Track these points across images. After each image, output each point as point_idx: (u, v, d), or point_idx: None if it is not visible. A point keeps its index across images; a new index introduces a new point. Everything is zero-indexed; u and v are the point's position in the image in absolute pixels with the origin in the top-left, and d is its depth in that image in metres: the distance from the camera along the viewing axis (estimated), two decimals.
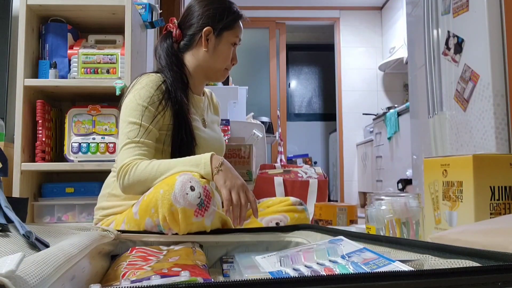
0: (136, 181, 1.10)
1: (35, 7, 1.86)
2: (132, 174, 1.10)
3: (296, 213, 1.27)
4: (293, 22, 5.50)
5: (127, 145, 1.16)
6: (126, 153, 1.15)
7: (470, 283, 0.47)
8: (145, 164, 1.11)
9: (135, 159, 1.13)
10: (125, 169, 1.11)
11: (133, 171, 1.10)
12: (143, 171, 1.09)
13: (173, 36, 1.32)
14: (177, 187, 0.96)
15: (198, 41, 1.30)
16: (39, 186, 1.91)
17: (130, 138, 1.16)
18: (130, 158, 1.13)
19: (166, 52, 1.29)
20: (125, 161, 1.13)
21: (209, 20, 1.29)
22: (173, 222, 0.97)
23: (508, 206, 0.97)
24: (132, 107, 1.19)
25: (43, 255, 0.55)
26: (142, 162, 1.12)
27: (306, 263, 0.64)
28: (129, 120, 1.18)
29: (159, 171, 1.08)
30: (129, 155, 1.14)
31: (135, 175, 1.10)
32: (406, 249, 0.68)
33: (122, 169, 1.12)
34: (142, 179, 1.09)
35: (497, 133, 1.70)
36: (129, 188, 1.12)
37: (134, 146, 1.15)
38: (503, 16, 1.74)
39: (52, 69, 1.85)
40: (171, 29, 1.31)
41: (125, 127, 1.18)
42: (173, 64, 1.28)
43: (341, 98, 5.21)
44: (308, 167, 2.53)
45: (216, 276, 0.94)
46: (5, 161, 0.83)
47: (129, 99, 1.21)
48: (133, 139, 1.16)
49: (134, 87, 1.23)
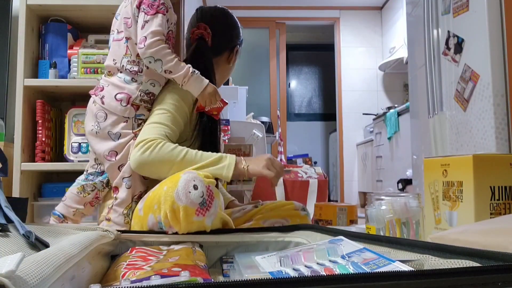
0: (157, 160, 1.11)
1: (35, 7, 1.86)
2: (155, 152, 1.11)
3: (298, 218, 1.27)
4: (293, 22, 5.50)
5: (154, 123, 1.19)
6: (153, 130, 1.16)
7: (470, 283, 0.47)
8: (171, 147, 1.12)
9: (162, 138, 1.14)
10: (149, 144, 1.12)
11: (157, 149, 1.11)
12: (167, 153, 1.11)
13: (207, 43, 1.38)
14: (180, 185, 0.96)
15: (225, 55, 1.42)
16: (39, 186, 1.91)
17: (156, 120, 1.19)
18: (156, 135, 1.14)
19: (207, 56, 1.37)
20: (150, 135, 1.13)
21: (237, 39, 1.45)
22: (174, 220, 0.97)
23: (508, 206, 0.97)
24: (165, 98, 1.25)
25: (43, 255, 0.55)
26: (168, 143, 1.13)
27: (306, 263, 0.64)
28: (158, 107, 1.23)
29: (185, 160, 1.11)
30: (156, 132, 1.16)
31: (158, 153, 1.11)
32: (406, 249, 0.68)
33: (145, 143, 1.12)
34: (163, 160, 1.11)
35: (497, 133, 1.70)
36: (145, 165, 1.12)
37: (161, 126, 1.18)
38: (503, 16, 1.74)
39: (52, 69, 1.85)
40: (206, 37, 1.37)
41: (154, 113, 1.23)
42: (210, 66, 1.37)
43: (341, 98, 5.21)
44: (308, 167, 2.53)
45: (216, 276, 0.94)
46: (5, 161, 0.83)
47: (166, 91, 1.28)
48: (161, 121, 1.19)
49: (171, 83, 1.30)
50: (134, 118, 1.26)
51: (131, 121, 1.26)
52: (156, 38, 1.20)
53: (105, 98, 1.26)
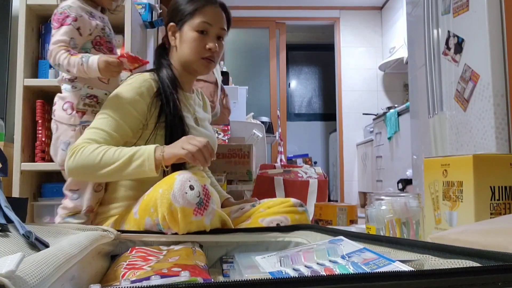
0: (79, 165, 1.09)
1: (35, 7, 1.86)
2: (77, 157, 1.10)
3: (297, 214, 1.27)
4: (293, 22, 5.50)
5: (90, 128, 1.16)
6: (86, 135, 1.15)
7: (470, 283, 0.47)
8: (91, 149, 1.09)
9: (89, 142, 1.12)
10: (73, 150, 1.11)
11: (79, 154, 1.09)
12: (87, 156, 1.09)
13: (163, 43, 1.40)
14: (176, 186, 0.96)
15: (170, 38, 1.34)
16: (39, 186, 1.91)
17: (95, 125, 1.17)
18: (85, 139, 1.13)
19: (155, 53, 1.37)
20: (79, 141, 1.13)
21: (171, 16, 1.33)
22: (173, 222, 0.97)
23: (508, 206, 0.97)
24: (110, 102, 1.21)
25: (43, 255, 0.55)
26: (91, 145, 1.11)
27: (306, 263, 0.64)
28: (100, 112, 1.20)
29: (103, 161, 1.08)
30: (87, 136, 1.14)
31: (80, 158, 1.09)
32: (406, 249, 0.68)
33: (71, 149, 1.11)
34: (84, 164, 1.09)
35: (497, 133, 1.70)
36: (72, 171, 1.12)
37: (95, 131, 1.15)
38: (503, 16, 1.74)
39: (52, 69, 1.85)
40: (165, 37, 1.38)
41: (95, 118, 1.19)
42: (161, 64, 1.32)
43: (341, 98, 5.21)
44: (308, 167, 2.53)
45: (216, 276, 0.93)
46: (5, 161, 0.83)
47: (112, 94, 1.23)
48: (98, 126, 1.16)
49: (121, 84, 1.25)
50: (80, 125, 1.30)
51: (79, 128, 1.30)
52: (53, 47, 1.25)
53: (55, 111, 1.33)
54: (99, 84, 1.34)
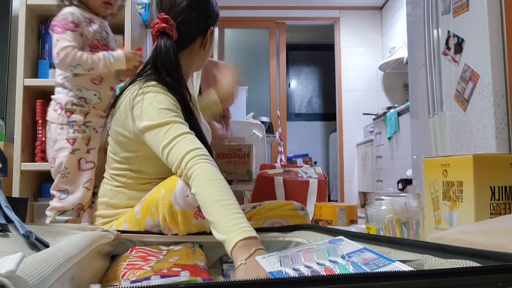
0: (201, 189, 0.92)
1: (35, 7, 1.86)
2: (197, 178, 0.93)
3: (297, 218, 1.26)
4: (293, 22, 5.49)
5: (179, 137, 1.00)
6: (182, 146, 0.98)
7: (470, 283, 0.47)
8: (209, 174, 0.93)
9: (198, 152, 0.97)
10: (189, 168, 0.95)
11: (198, 175, 0.93)
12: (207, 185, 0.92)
13: (172, 38, 1.21)
14: (177, 189, 0.96)
15: (197, 42, 1.25)
16: (39, 186, 1.91)
17: (176, 133, 1.01)
18: (189, 150, 0.97)
19: (174, 56, 1.19)
20: (181, 156, 0.97)
21: (210, 20, 1.26)
22: (173, 223, 0.96)
23: (508, 206, 0.97)
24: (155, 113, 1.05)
25: (43, 255, 0.55)
26: (206, 168, 0.95)
27: (306, 263, 0.64)
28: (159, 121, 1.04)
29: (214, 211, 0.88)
30: (188, 147, 0.98)
31: (201, 184, 0.92)
32: (406, 249, 0.68)
33: (185, 166, 0.95)
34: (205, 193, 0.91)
35: (497, 133, 1.70)
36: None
37: (190, 138, 1.01)
38: (503, 16, 1.74)
39: (52, 69, 1.85)
40: (169, 31, 1.20)
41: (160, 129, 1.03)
42: (176, 67, 1.19)
43: (341, 98, 5.21)
44: (308, 167, 2.52)
45: (216, 276, 0.94)
46: (5, 161, 0.83)
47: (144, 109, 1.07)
48: (182, 132, 1.02)
49: (144, 99, 1.09)
50: (67, 124, 1.40)
51: (66, 127, 1.40)
52: (66, 50, 1.33)
53: (48, 112, 1.45)
54: (91, 85, 1.43)
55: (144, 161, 1.15)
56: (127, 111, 1.11)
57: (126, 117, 1.11)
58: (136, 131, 1.09)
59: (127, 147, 1.15)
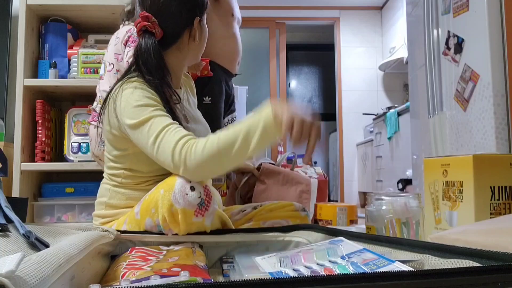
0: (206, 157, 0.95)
1: (35, 7, 1.86)
2: (195, 154, 0.96)
3: (298, 219, 1.26)
4: (293, 22, 5.49)
5: (163, 132, 1.00)
6: (169, 140, 0.98)
7: (470, 283, 0.47)
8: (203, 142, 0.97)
9: (186, 139, 0.98)
10: (183, 155, 0.96)
11: (194, 151, 0.96)
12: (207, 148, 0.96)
13: (155, 36, 1.18)
14: (177, 187, 0.96)
15: (185, 35, 1.21)
16: (39, 186, 1.91)
17: (159, 128, 1.01)
18: (176, 140, 0.98)
19: (155, 55, 1.15)
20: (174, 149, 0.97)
21: (194, 10, 1.20)
22: (173, 223, 0.96)
23: (508, 206, 0.97)
24: (134, 111, 1.05)
25: (43, 255, 0.55)
26: (198, 141, 0.98)
27: (306, 264, 0.64)
28: (140, 119, 1.03)
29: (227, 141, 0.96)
30: (174, 138, 0.98)
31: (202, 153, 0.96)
32: (406, 249, 0.68)
33: (179, 156, 0.96)
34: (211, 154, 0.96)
35: (497, 133, 1.70)
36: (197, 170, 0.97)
37: (173, 129, 1.01)
38: (503, 16, 1.74)
39: (52, 69, 1.85)
40: (152, 29, 1.16)
41: (142, 128, 1.02)
42: (160, 66, 1.16)
43: (341, 98, 5.21)
44: (308, 167, 2.52)
45: (216, 276, 0.93)
46: (5, 161, 0.83)
47: (123, 108, 1.06)
48: (164, 125, 1.01)
49: (122, 96, 1.08)
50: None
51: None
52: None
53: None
54: None
55: (135, 159, 1.15)
56: (110, 109, 1.12)
57: (111, 114, 1.12)
58: (121, 127, 1.10)
59: (116, 145, 1.16)
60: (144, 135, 1.02)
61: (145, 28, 1.16)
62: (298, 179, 1.94)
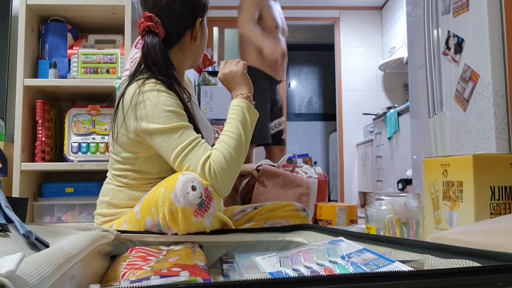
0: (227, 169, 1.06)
1: (35, 7, 1.86)
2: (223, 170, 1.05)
3: (299, 219, 1.26)
4: (293, 22, 5.49)
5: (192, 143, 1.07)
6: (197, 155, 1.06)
7: (470, 283, 0.47)
8: (221, 155, 1.06)
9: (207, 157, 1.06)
10: (209, 171, 1.04)
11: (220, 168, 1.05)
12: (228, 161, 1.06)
13: (158, 35, 1.19)
14: (178, 186, 0.96)
15: (187, 36, 1.23)
16: (39, 186, 1.91)
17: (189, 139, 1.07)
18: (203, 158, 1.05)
19: (161, 53, 1.18)
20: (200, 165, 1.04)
21: (196, 11, 1.23)
22: (173, 222, 0.96)
23: (508, 206, 0.97)
24: (163, 116, 1.08)
25: (43, 255, 0.55)
26: (218, 156, 1.06)
27: (306, 264, 0.64)
28: (170, 126, 1.07)
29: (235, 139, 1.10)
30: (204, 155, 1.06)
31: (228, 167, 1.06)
32: (406, 249, 0.68)
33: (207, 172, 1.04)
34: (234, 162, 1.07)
35: (497, 133, 1.70)
36: (225, 180, 1.06)
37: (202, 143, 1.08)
38: (503, 16, 1.74)
39: (52, 69, 1.85)
40: (155, 29, 1.18)
41: (172, 134, 1.07)
42: (168, 65, 1.19)
43: (341, 98, 5.21)
44: (308, 167, 2.52)
45: (216, 276, 0.94)
46: (5, 161, 0.83)
47: (149, 111, 1.08)
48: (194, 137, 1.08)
49: (146, 99, 1.09)
50: None
51: None
52: None
53: None
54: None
55: (145, 161, 1.16)
56: (128, 111, 1.11)
57: (128, 117, 1.11)
58: (138, 131, 1.10)
59: (127, 147, 1.16)
60: (172, 141, 1.07)
61: (148, 28, 1.18)
62: (298, 182, 1.94)
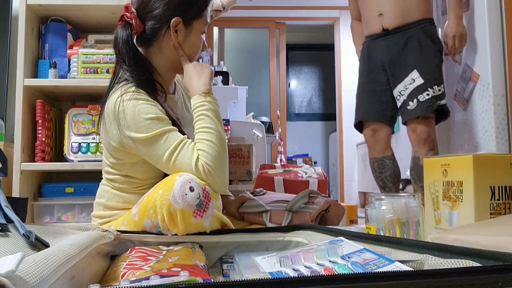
0: (217, 163, 1.06)
1: (35, 7, 1.86)
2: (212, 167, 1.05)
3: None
4: (293, 22, 5.49)
5: (179, 146, 1.06)
6: (187, 156, 1.05)
7: (470, 283, 0.47)
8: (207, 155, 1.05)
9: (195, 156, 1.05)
10: (203, 170, 1.04)
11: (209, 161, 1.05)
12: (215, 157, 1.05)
13: (132, 28, 1.14)
14: (176, 188, 0.96)
15: (165, 34, 1.16)
16: (39, 186, 1.91)
17: (175, 142, 1.06)
18: (193, 159, 1.05)
19: (129, 45, 1.12)
20: (193, 165, 1.04)
21: (176, 9, 1.15)
22: (172, 223, 0.96)
23: (508, 206, 0.97)
24: (144, 125, 1.06)
25: (43, 255, 0.55)
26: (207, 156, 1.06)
27: (306, 264, 0.64)
28: (153, 133, 1.06)
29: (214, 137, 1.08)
30: (193, 156, 1.05)
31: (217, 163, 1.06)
32: (406, 249, 0.68)
33: (202, 172, 1.04)
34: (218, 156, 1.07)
35: (497, 133, 1.70)
36: (219, 174, 1.06)
37: (189, 143, 1.07)
38: (503, 16, 1.74)
39: (52, 69, 1.85)
40: (130, 19, 1.12)
41: (156, 141, 1.06)
42: (139, 58, 1.14)
43: (341, 98, 5.21)
44: (308, 167, 2.53)
45: (216, 276, 0.94)
46: (5, 161, 0.83)
47: (130, 121, 1.07)
48: (180, 139, 1.07)
49: (125, 108, 1.07)
50: None
51: None
52: None
53: None
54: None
55: (131, 167, 1.16)
56: (110, 120, 1.10)
57: (110, 125, 1.11)
58: (122, 141, 1.10)
59: (113, 153, 1.17)
60: (159, 148, 1.07)
61: (124, 19, 1.15)
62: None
